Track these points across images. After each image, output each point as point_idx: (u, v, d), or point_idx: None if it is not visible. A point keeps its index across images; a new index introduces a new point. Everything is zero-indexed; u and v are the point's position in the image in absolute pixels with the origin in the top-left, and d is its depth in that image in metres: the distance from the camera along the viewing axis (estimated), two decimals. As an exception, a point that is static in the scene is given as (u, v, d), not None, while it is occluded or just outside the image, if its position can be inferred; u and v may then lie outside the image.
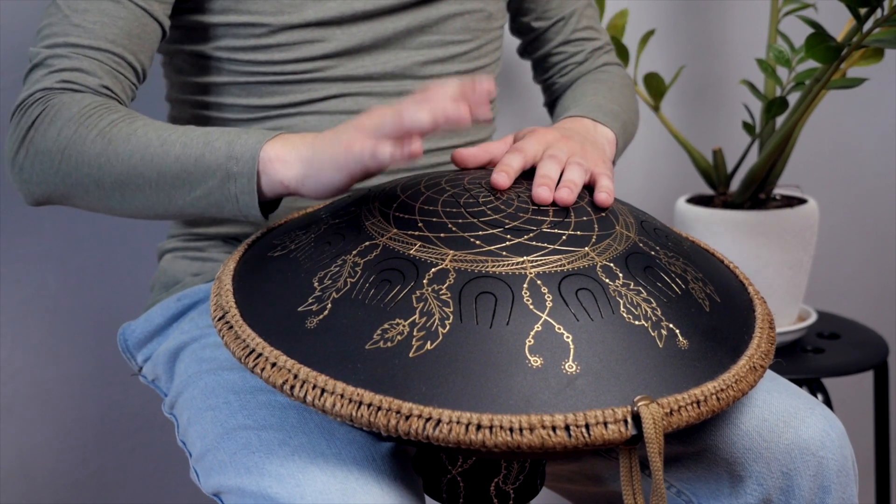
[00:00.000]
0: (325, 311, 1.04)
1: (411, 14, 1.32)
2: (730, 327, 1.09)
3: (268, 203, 1.14)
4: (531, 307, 1.02)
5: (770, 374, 1.20)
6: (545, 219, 1.09)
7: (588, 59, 1.48)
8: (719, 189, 1.70)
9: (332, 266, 1.07)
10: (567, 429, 0.96)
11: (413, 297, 1.02)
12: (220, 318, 1.08)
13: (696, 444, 1.15)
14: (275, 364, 1.01)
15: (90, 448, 1.74)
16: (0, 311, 1.66)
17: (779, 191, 1.70)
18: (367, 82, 1.31)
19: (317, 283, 1.06)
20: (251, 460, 1.07)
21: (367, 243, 1.08)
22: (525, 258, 1.05)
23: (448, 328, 1.00)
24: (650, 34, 1.72)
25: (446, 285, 1.03)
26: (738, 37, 1.96)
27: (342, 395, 0.98)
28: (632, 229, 1.12)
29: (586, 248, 1.07)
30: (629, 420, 0.97)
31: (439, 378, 0.98)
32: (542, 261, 1.05)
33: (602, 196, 1.14)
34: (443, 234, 1.07)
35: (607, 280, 1.05)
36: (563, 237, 1.08)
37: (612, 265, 1.07)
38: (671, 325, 1.05)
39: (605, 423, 0.96)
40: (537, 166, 1.16)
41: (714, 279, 1.14)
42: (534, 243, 1.06)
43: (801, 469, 1.13)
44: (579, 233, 1.09)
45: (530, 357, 0.99)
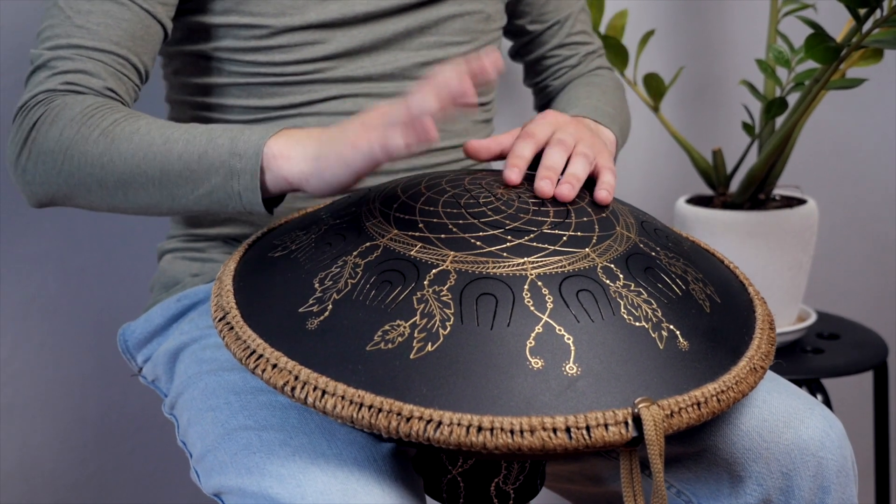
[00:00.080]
0: (326, 313, 1.04)
1: (411, 16, 1.32)
2: (730, 328, 1.09)
3: (272, 199, 1.14)
4: (532, 308, 1.02)
5: (770, 374, 1.20)
6: (546, 220, 1.09)
7: (581, 63, 1.48)
8: (719, 189, 1.70)
9: (333, 267, 1.07)
10: (568, 431, 0.96)
11: (414, 298, 1.02)
12: (220, 319, 1.08)
13: (696, 445, 1.15)
14: (275, 365, 1.01)
15: (90, 448, 1.74)
16: (0, 311, 1.65)
17: (778, 191, 1.70)
18: (366, 83, 1.31)
19: (317, 284, 1.06)
20: (252, 461, 1.07)
21: (367, 244, 1.08)
22: (526, 259, 1.05)
23: (449, 330, 1.00)
24: (650, 34, 1.72)
25: (447, 286, 1.03)
26: (738, 37, 1.96)
27: (343, 397, 0.98)
28: (632, 230, 1.12)
29: (587, 249, 1.07)
30: (630, 422, 0.97)
31: (440, 379, 0.98)
32: (542, 262, 1.05)
33: (602, 193, 1.14)
34: (443, 235, 1.07)
35: (608, 281, 1.05)
36: (564, 238, 1.08)
37: (612, 266, 1.07)
38: (672, 327, 1.05)
39: (606, 425, 0.96)
40: (543, 153, 1.16)
41: (714, 280, 1.14)
42: (534, 244, 1.06)
43: (801, 469, 1.13)
44: (580, 234, 1.09)
45: (531, 359, 0.99)
